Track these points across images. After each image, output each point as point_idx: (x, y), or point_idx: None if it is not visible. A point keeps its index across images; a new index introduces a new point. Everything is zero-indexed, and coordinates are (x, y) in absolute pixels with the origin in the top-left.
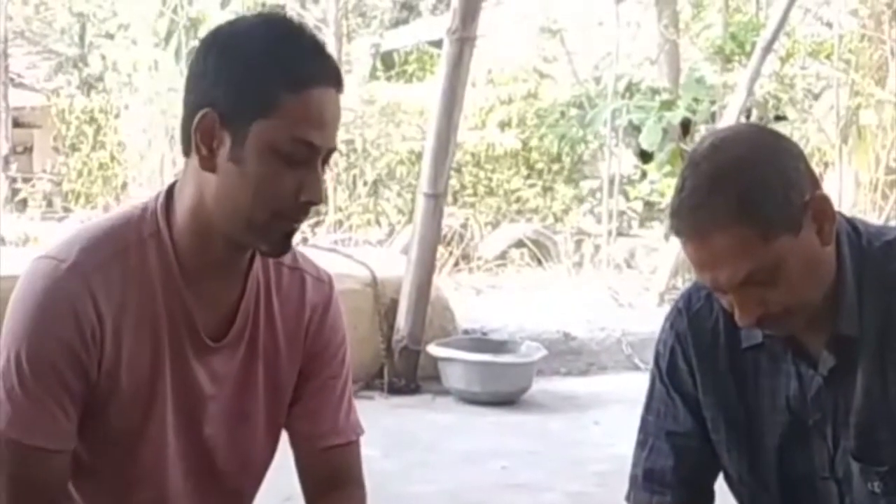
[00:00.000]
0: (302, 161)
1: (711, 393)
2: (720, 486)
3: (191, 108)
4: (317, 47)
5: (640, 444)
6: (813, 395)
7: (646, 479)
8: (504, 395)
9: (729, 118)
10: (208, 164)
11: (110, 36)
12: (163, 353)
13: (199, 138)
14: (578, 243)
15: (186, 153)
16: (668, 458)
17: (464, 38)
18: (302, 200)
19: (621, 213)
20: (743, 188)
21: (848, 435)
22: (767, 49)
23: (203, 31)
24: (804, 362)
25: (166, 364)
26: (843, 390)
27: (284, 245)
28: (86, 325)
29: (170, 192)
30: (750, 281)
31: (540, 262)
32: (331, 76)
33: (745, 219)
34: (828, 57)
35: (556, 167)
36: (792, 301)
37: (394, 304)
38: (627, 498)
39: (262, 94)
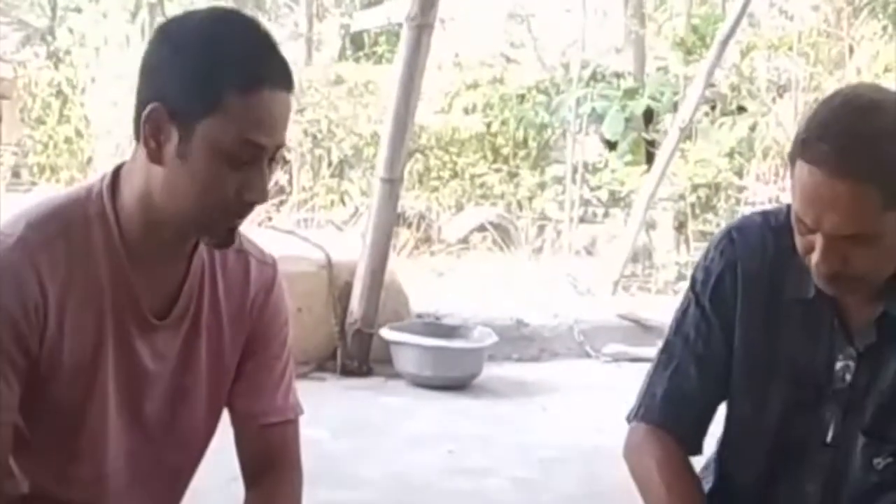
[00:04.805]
0: (247, 161)
1: (745, 328)
2: None
3: (142, 99)
4: (268, 46)
5: (663, 364)
6: (842, 365)
7: (665, 400)
8: (455, 380)
9: (687, 109)
10: (156, 157)
11: (79, 9)
12: (106, 330)
13: (147, 131)
14: (541, 229)
15: (138, 138)
16: (694, 381)
17: (422, 25)
18: (245, 199)
19: (586, 201)
20: (891, 157)
21: (862, 409)
22: (725, 42)
23: (170, 8)
24: (841, 333)
25: (109, 341)
26: (871, 367)
27: (228, 238)
28: (29, 299)
29: (116, 174)
30: (849, 237)
31: (502, 248)
32: (281, 76)
33: (880, 184)
34: (790, 50)
35: (521, 153)
36: (870, 270)
37: (348, 287)
38: (633, 417)
39: (210, 93)
